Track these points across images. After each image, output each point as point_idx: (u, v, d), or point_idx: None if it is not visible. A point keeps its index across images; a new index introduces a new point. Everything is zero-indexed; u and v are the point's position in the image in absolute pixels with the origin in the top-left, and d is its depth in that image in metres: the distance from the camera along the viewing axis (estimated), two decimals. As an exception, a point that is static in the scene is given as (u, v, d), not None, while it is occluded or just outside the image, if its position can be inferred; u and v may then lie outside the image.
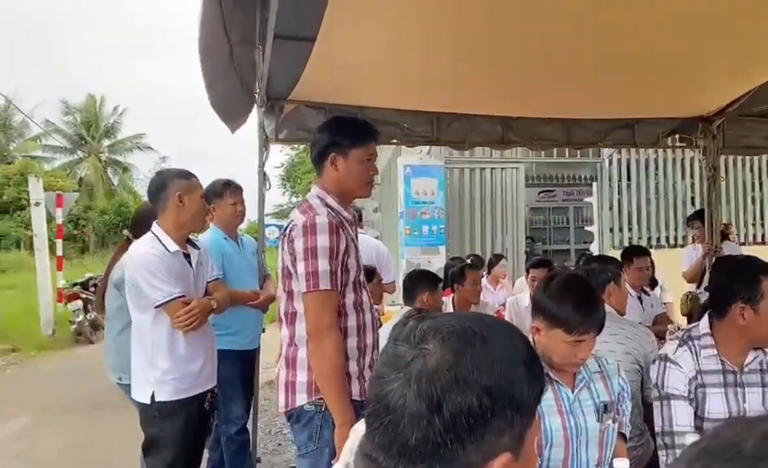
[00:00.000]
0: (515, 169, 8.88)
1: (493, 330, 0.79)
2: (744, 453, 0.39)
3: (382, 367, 0.77)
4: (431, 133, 4.19)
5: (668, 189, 8.79)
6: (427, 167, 7.99)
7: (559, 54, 3.31)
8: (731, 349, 2.06)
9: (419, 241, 7.90)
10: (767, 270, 2.06)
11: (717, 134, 4.92)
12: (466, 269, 4.00)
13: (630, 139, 4.83)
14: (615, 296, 2.75)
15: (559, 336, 1.74)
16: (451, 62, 3.30)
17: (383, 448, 0.74)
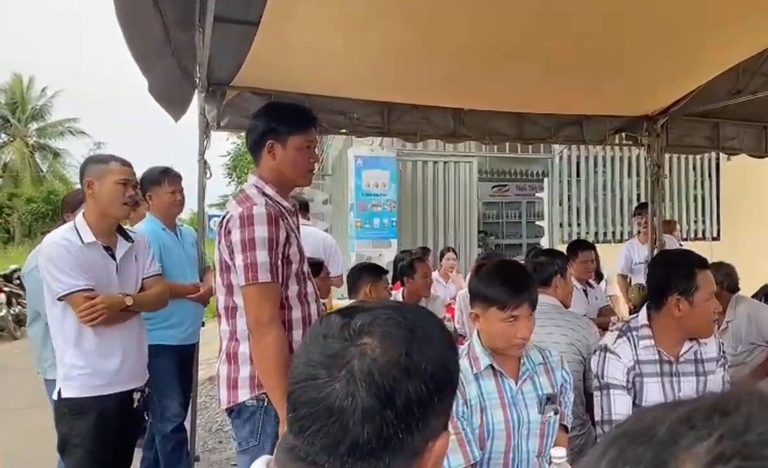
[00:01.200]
0: (468, 163, 9.03)
1: (426, 319, 0.83)
2: (658, 436, 0.40)
3: (313, 368, 0.76)
4: (382, 124, 4.21)
5: (615, 186, 9.15)
6: (379, 159, 8.01)
7: (511, 48, 3.39)
8: (667, 340, 2.17)
9: (370, 234, 7.91)
10: (702, 264, 2.19)
11: (661, 133, 5.16)
12: (416, 262, 4.05)
13: (579, 136, 5.00)
14: (561, 289, 2.86)
15: (494, 316, 1.81)
16: (403, 52, 3.33)
17: (328, 450, 0.73)
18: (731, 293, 3.87)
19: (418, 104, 4.25)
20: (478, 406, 1.81)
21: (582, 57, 3.63)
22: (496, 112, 4.51)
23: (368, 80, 3.79)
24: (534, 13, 3.04)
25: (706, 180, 9.48)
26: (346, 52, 3.29)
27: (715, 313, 2.23)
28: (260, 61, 3.17)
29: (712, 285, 2.18)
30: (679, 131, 5.36)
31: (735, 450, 0.37)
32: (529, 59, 3.56)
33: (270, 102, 2.78)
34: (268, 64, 3.28)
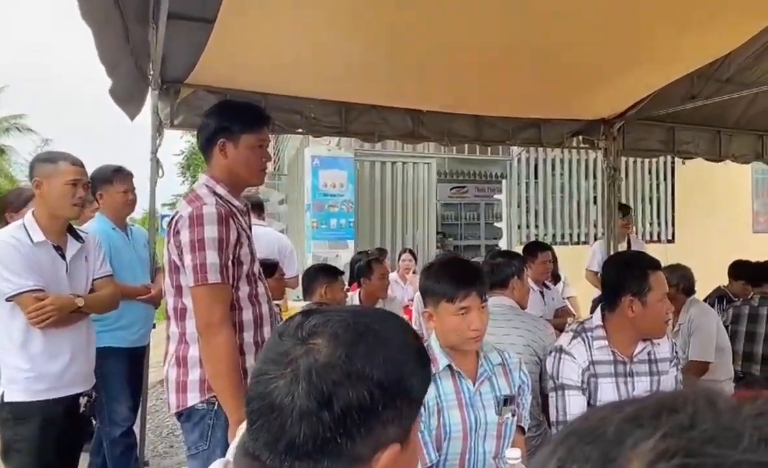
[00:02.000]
0: (427, 165, 9.11)
1: (385, 323, 0.82)
2: (606, 435, 0.41)
3: (266, 364, 0.78)
4: (339, 124, 4.22)
5: (572, 188, 9.38)
6: (336, 159, 8.01)
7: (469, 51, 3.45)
8: (621, 340, 2.25)
9: (327, 235, 7.91)
10: (655, 265, 2.28)
11: (617, 136, 5.33)
12: (373, 263, 4.07)
13: (537, 139, 5.12)
14: (518, 290, 2.93)
15: (445, 310, 1.85)
16: (361, 51, 3.35)
17: (269, 447, 0.75)
18: (687, 296, 4.03)
19: (377, 104, 4.28)
20: (435, 408, 1.84)
21: (540, 61, 3.72)
22: (455, 114, 4.58)
23: (325, 80, 3.80)
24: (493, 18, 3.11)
25: (662, 183, 9.80)
26: (303, 51, 3.30)
27: (668, 314, 2.32)
28: (216, 59, 3.16)
29: (665, 286, 2.27)
30: (635, 135, 5.55)
31: (679, 447, 0.38)
32: (488, 62, 3.63)
33: (222, 100, 2.77)
34: (224, 62, 3.27)
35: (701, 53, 4.07)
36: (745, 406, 0.41)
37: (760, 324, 4.16)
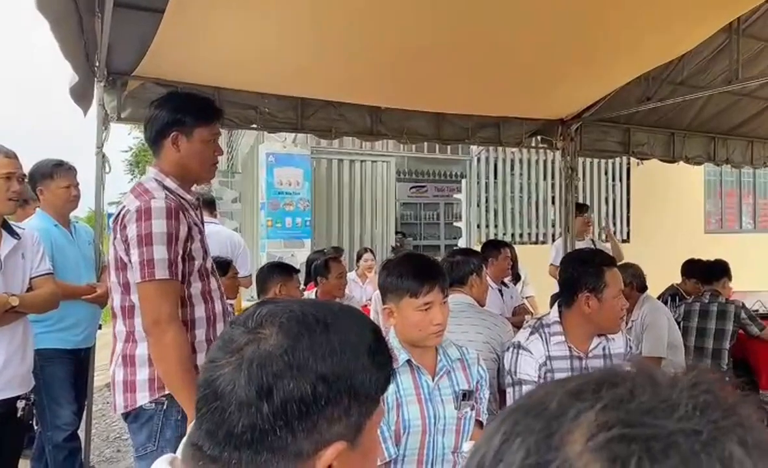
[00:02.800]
0: (386, 163, 9.15)
1: (339, 317, 0.81)
2: (550, 409, 0.43)
3: (216, 351, 0.78)
4: (295, 120, 4.21)
5: (532, 188, 9.58)
6: (292, 156, 7.97)
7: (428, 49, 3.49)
8: (578, 336, 2.33)
9: (282, 234, 7.87)
10: (610, 262, 2.37)
11: (575, 137, 5.49)
12: (331, 262, 4.08)
13: (496, 138, 5.22)
14: (476, 288, 2.98)
15: (408, 306, 1.87)
16: (317, 46, 3.34)
17: (210, 435, 0.74)
18: (640, 293, 4.19)
19: (334, 100, 4.28)
20: (394, 403, 1.85)
21: (499, 60, 3.80)
22: (414, 111, 4.63)
23: (280, 74, 3.79)
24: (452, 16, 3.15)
25: (617, 184, 10.10)
26: (258, 44, 3.28)
27: (623, 310, 2.40)
28: (166, 51, 3.11)
29: (620, 282, 2.35)
30: (592, 136, 5.72)
31: (618, 418, 0.40)
32: (447, 60, 3.68)
33: (172, 91, 2.73)
34: (174, 54, 3.22)
35: (656, 56, 4.23)
36: (681, 378, 0.44)
37: (711, 320, 4.37)
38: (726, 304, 4.46)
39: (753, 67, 4.89)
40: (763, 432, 0.41)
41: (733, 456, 0.39)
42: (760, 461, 0.39)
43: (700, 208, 10.61)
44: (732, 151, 6.70)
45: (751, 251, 10.04)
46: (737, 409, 0.42)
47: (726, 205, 11.11)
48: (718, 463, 0.38)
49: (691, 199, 10.31)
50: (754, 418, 0.42)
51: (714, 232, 10.58)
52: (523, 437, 0.42)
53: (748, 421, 0.42)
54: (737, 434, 0.40)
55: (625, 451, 0.38)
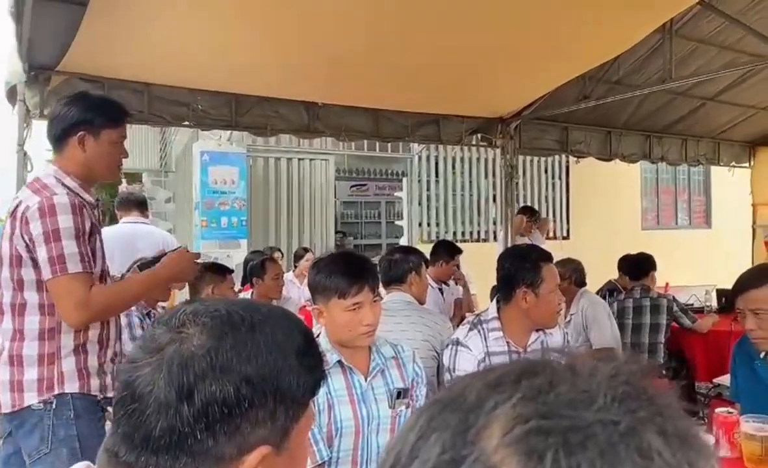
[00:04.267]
0: (325, 161, 9.14)
1: (266, 317, 0.80)
2: (467, 402, 0.43)
3: (136, 352, 0.76)
4: (229, 117, 4.18)
5: (473, 186, 9.77)
6: (227, 154, 7.88)
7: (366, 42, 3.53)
8: (516, 331, 2.41)
9: (217, 234, 7.78)
10: (547, 257, 2.46)
11: (514, 135, 5.66)
12: (267, 263, 4.06)
13: (436, 136, 5.31)
14: (416, 286, 3.03)
15: (337, 306, 1.89)
16: (251, 41, 3.33)
17: (126, 440, 0.72)
18: (578, 288, 4.36)
19: (269, 97, 4.26)
20: (326, 404, 1.87)
21: (438, 58, 3.87)
22: (352, 107, 4.65)
23: (213, 69, 3.75)
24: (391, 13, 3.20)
25: (557, 182, 10.43)
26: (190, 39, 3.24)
27: (560, 305, 2.50)
28: (91, 45, 3.04)
29: (557, 278, 2.45)
30: (531, 134, 5.91)
31: (535, 410, 0.40)
32: (386, 57, 3.73)
33: (81, 92, 2.69)
34: (101, 48, 3.16)
35: (592, 56, 4.41)
36: (601, 369, 0.45)
37: (645, 315, 4.56)
38: (658, 298, 4.64)
39: (686, 67, 5.17)
40: (683, 421, 0.43)
41: (652, 446, 0.39)
42: (679, 450, 0.40)
43: (637, 205, 11.07)
44: (667, 149, 7.05)
45: (687, 247, 10.58)
46: (657, 400, 0.43)
47: (662, 202, 11.62)
48: (636, 453, 0.39)
49: (629, 196, 10.75)
50: (675, 407, 0.43)
51: (651, 229, 11.06)
52: (439, 432, 0.42)
53: (669, 410, 0.42)
54: (656, 424, 0.41)
55: (542, 444, 0.39)
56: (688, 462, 0.40)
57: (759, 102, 6.76)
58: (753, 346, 2.33)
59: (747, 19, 4.61)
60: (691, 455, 0.40)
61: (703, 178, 11.86)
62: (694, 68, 5.26)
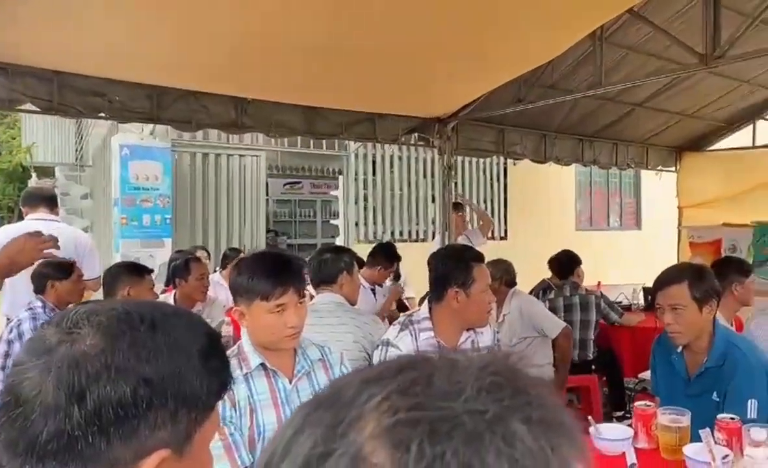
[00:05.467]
0: (256, 157, 9.05)
1: (168, 317, 0.79)
2: (343, 398, 0.45)
3: (23, 354, 0.74)
4: (150, 110, 4.10)
5: (411, 185, 9.89)
6: (150, 149, 7.70)
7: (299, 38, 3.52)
8: (447, 330, 2.47)
9: (139, 233, 7.59)
10: (478, 258, 2.53)
11: (451, 136, 5.79)
12: (191, 263, 3.98)
13: (371, 134, 5.38)
14: (347, 286, 3.05)
15: (260, 308, 1.87)
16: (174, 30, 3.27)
17: (9, 447, 0.70)
18: (509, 288, 4.51)
19: (195, 90, 4.20)
20: (247, 408, 1.86)
21: (375, 56, 3.92)
22: (284, 104, 4.64)
23: (132, 58, 3.66)
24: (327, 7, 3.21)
25: (495, 183, 10.70)
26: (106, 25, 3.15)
27: (490, 304, 2.58)
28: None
29: (487, 278, 2.53)
30: (468, 135, 6.08)
31: (407, 403, 0.42)
32: (320, 53, 3.73)
33: None
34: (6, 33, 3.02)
35: (526, 60, 4.59)
36: (475, 361, 0.47)
37: (575, 312, 4.78)
38: (587, 295, 4.88)
39: (616, 73, 5.43)
40: (551, 409, 0.45)
41: (516, 433, 0.42)
42: (543, 436, 0.43)
43: (571, 206, 11.50)
44: (598, 152, 7.40)
45: (618, 247, 11.10)
46: (526, 389, 0.45)
47: (595, 204, 12.12)
48: (502, 440, 0.41)
49: (564, 197, 11.16)
50: (544, 396, 0.46)
51: (584, 230, 11.52)
52: (312, 428, 0.44)
53: (538, 399, 0.45)
54: (523, 412, 0.43)
55: (410, 435, 0.41)
56: (551, 447, 0.43)
57: (684, 109, 7.20)
58: (671, 341, 2.50)
59: (673, 29, 4.90)
60: (555, 441, 0.43)
61: (633, 181, 12.45)
62: (624, 75, 5.54)
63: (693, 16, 4.72)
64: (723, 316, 3.04)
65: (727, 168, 7.90)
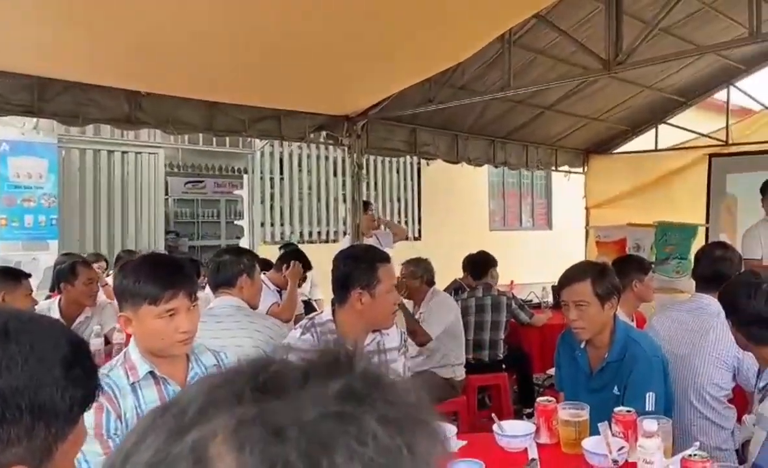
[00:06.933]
0: (154, 155, 8.83)
1: (25, 325, 0.77)
2: (188, 404, 0.45)
3: None
4: (30, 103, 3.92)
5: (321, 185, 9.88)
6: (33, 145, 7.37)
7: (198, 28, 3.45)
8: (351, 332, 2.47)
9: (20, 234, 7.28)
10: (384, 258, 2.56)
11: (361, 134, 5.85)
12: (79, 266, 3.83)
13: (276, 131, 5.35)
14: (247, 289, 3.02)
15: (148, 313, 1.83)
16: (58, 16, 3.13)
17: None
18: (429, 286, 4.64)
19: (82, 82, 4.03)
20: (134, 419, 1.82)
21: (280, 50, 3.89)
22: (183, 98, 4.53)
23: (8, 45, 3.46)
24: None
25: (409, 183, 10.87)
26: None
27: (395, 305, 2.62)
28: None
29: (393, 278, 2.57)
30: (379, 134, 6.16)
31: (257, 405, 0.43)
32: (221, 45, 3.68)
33: None
34: None
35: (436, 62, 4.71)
36: (332, 364, 0.49)
37: (486, 313, 4.96)
38: (498, 296, 5.07)
39: (525, 76, 5.67)
40: (411, 409, 0.48)
41: (369, 431, 0.44)
42: (399, 434, 0.45)
43: (485, 207, 11.87)
44: (509, 153, 7.71)
45: (530, 247, 11.56)
46: (385, 390, 0.47)
47: (508, 205, 12.58)
48: (354, 440, 0.43)
49: (477, 198, 11.51)
50: (406, 397, 0.48)
51: (497, 230, 11.92)
52: (155, 434, 0.44)
53: (397, 399, 0.47)
54: (379, 412, 0.45)
55: (255, 437, 0.42)
56: (406, 444, 0.45)
57: (591, 112, 7.61)
58: (574, 337, 2.65)
59: (578, 34, 5.17)
60: (411, 438, 0.46)
61: (544, 183, 13.00)
62: (532, 78, 5.79)
63: (597, 23, 5.00)
64: (624, 312, 3.26)
65: (632, 170, 8.42)
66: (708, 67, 7.29)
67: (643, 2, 5.12)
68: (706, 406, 2.84)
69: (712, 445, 2.79)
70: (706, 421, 2.84)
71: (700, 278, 3.19)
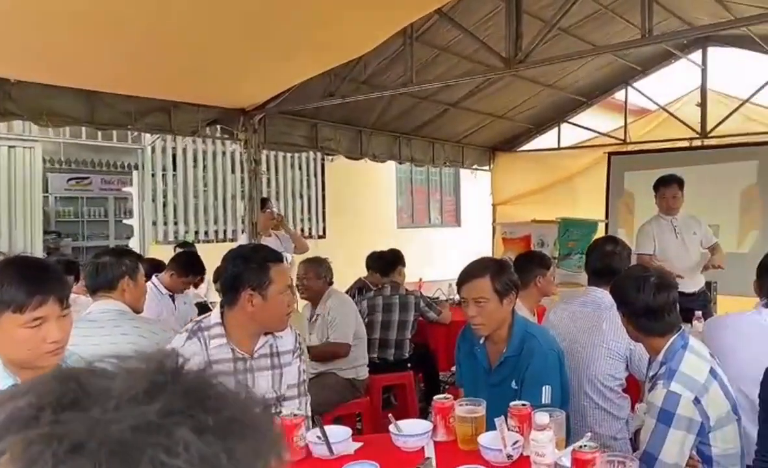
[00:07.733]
0: (30, 149, 8.43)
1: None
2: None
3: None
4: None
5: (218, 182, 9.68)
6: None
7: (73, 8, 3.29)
8: (241, 336, 2.45)
9: None
10: (276, 257, 2.55)
11: (258, 129, 5.78)
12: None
13: (166, 125, 5.19)
14: (129, 293, 2.92)
15: (12, 322, 1.75)
16: None
17: None
18: (329, 286, 4.63)
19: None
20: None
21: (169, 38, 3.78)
22: (58, 87, 4.32)
23: None
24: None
25: (312, 179, 10.84)
26: None
27: (289, 306, 2.61)
28: None
29: (287, 278, 2.56)
30: (278, 129, 6.13)
31: (51, 419, 0.44)
32: (103, 29, 3.52)
33: None
34: None
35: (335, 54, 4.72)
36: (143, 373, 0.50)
37: (394, 312, 5.02)
38: (407, 295, 5.15)
39: (429, 72, 5.80)
40: (234, 416, 0.49)
41: (182, 441, 0.45)
42: (217, 442, 0.46)
43: (392, 204, 12.03)
44: (415, 150, 7.86)
45: (439, 244, 11.84)
46: (204, 398, 0.48)
47: (416, 202, 12.81)
48: (163, 451, 0.43)
49: (385, 195, 11.64)
50: (231, 404, 0.50)
51: (406, 227, 12.12)
52: None
53: (219, 406, 0.49)
54: (196, 421, 0.46)
55: (48, 453, 0.42)
56: (225, 450, 0.46)
57: (495, 110, 7.89)
58: (474, 333, 2.74)
59: (480, 32, 5.33)
60: (232, 445, 0.47)
61: (453, 180, 13.33)
62: (436, 74, 5.92)
63: (498, 21, 5.18)
64: (526, 307, 3.40)
65: (536, 167, 8.81)
66: (607, 67, 7.73)
67: (542, 2, 5.35)
68: (600, 397, 3.00)
69: (607, 434, 2.96)
70: (601, 411, 3.01)
71: (591, 272, 3.37)
